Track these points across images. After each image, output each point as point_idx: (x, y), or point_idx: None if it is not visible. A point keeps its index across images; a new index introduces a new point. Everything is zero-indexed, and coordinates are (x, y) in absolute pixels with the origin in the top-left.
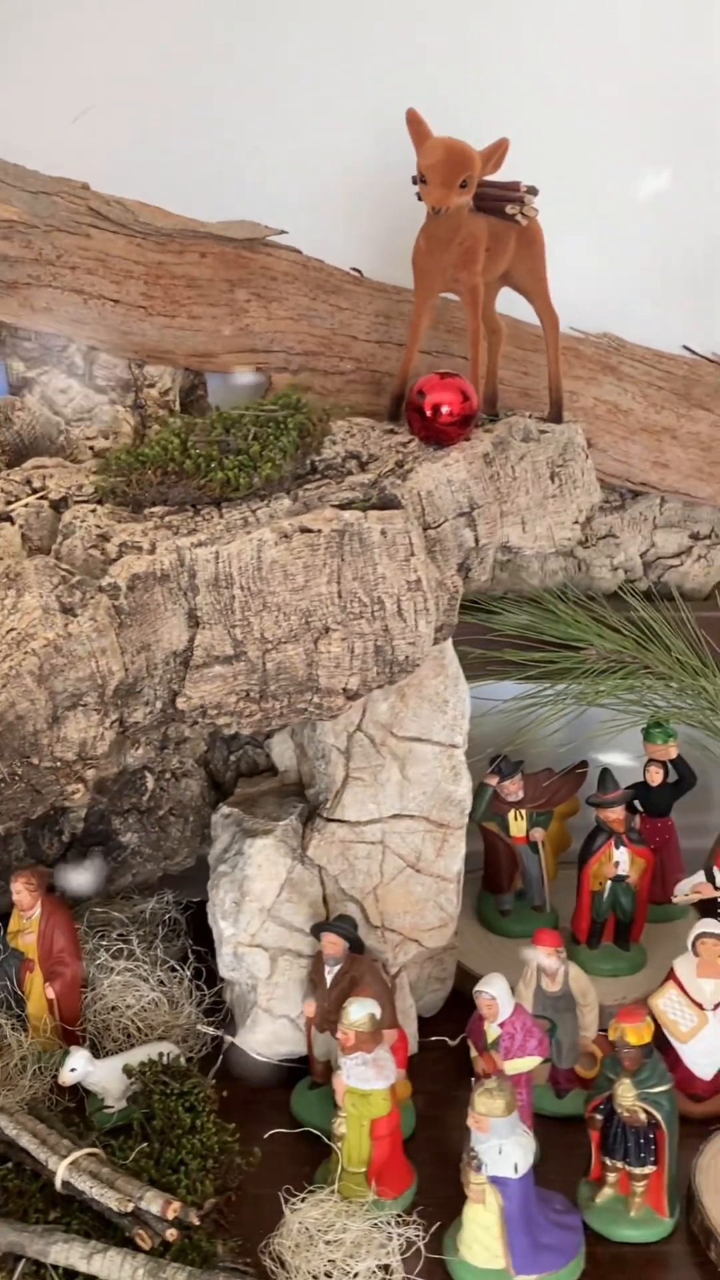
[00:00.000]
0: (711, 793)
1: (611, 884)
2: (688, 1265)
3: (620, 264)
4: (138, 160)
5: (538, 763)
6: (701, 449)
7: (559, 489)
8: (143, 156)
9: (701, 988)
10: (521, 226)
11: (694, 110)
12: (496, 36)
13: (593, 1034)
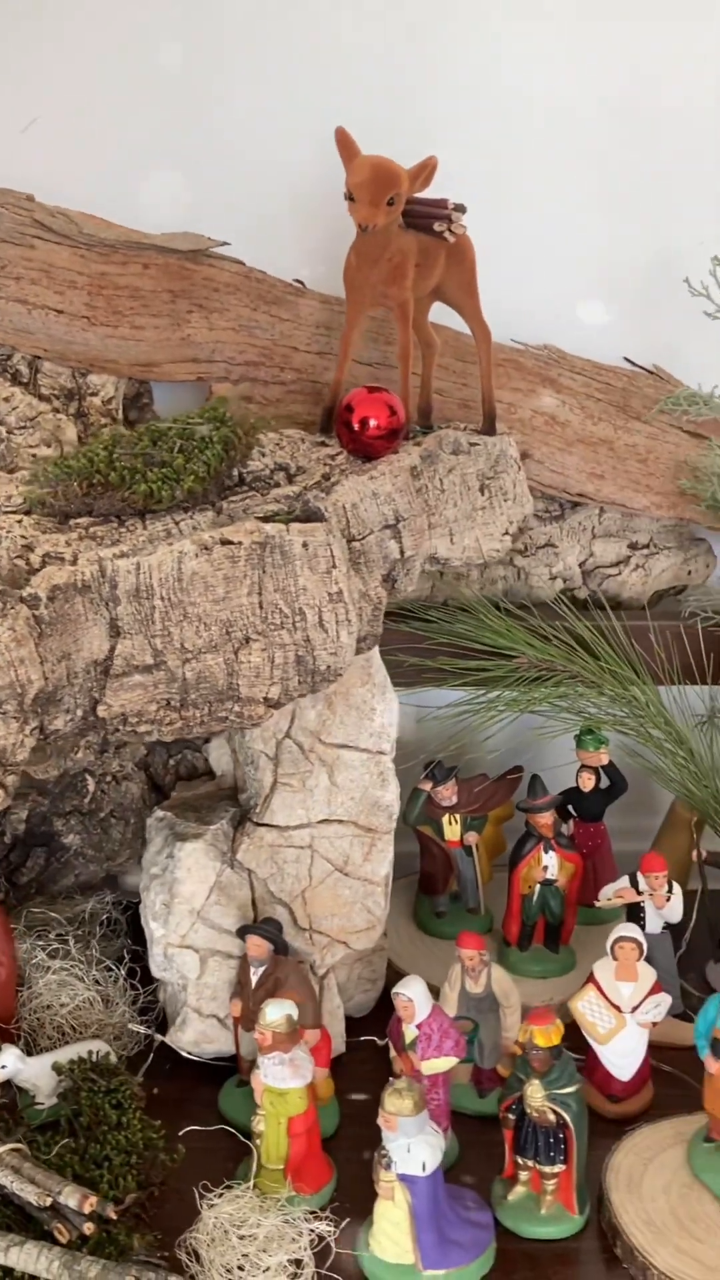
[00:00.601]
0: (654, 798)
1: (540, 888)
2: (596, 1261)
3: (562, 276)
4: (82, 172)
5: (477, 768)
6: (638, 460)
7: (488, 501)
8: (87, 168)
9: (620, 990)
10: (450, 243)
11: (635, 122)
12: (438, 51)
13: (515, 1035)
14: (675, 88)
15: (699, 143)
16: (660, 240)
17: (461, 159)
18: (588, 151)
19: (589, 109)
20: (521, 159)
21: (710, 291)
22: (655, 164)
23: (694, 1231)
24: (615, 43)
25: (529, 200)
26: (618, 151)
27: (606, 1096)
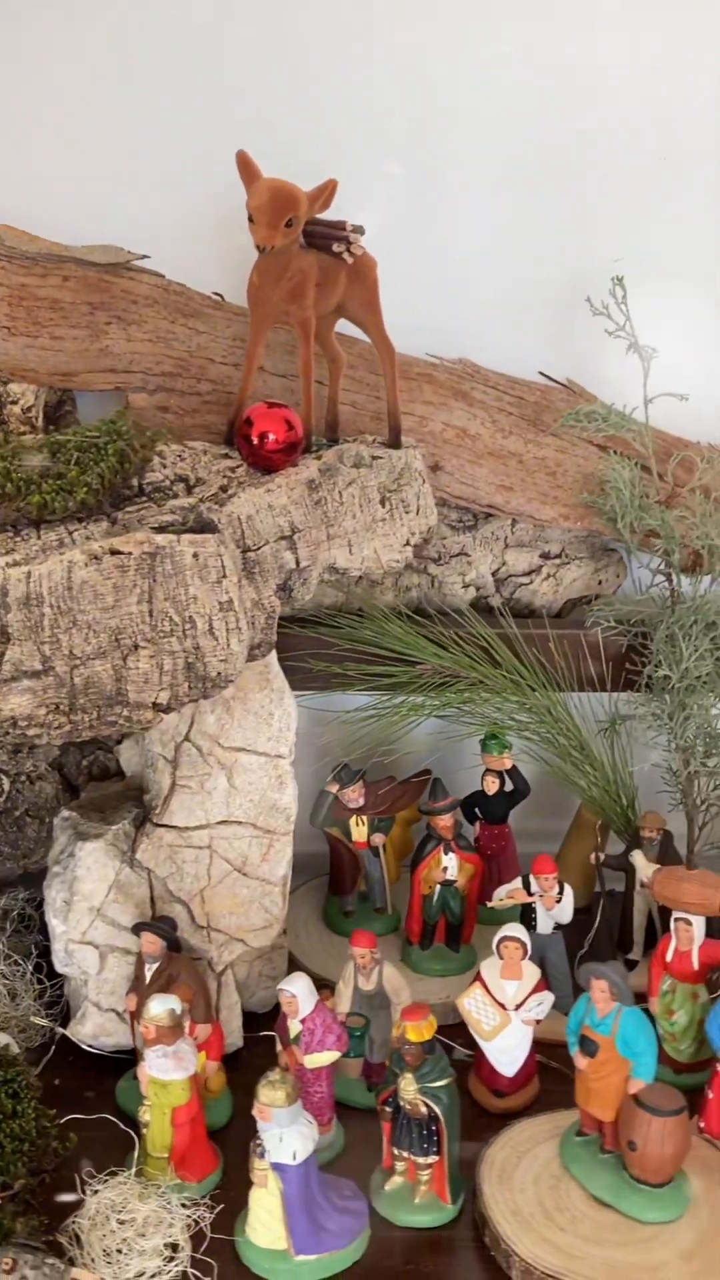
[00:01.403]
0: (567, 801)
1: (441, 888)
2: (467, 1249)
3: (479, 291)
4: (3, 184)
5: (397, 771)
6: (547, 473)
7: (389, 513)
8: (8, 180)
9: (504, 988)
10: (350, 263)
11: (551, 139)
12: (358, 72)
13: None
14: (588, 109)
15: (612, 163)
16: (575, 259)
17: (374, 181)
18: (504, 170)
19: (505, 129)
20: (439, 177)
21: (610, 310)
22: (570, 184)
23: (558, 1221)
24: (531, 64)
25: (449, 219)
26: (534, 171)
27: (492, 1091)
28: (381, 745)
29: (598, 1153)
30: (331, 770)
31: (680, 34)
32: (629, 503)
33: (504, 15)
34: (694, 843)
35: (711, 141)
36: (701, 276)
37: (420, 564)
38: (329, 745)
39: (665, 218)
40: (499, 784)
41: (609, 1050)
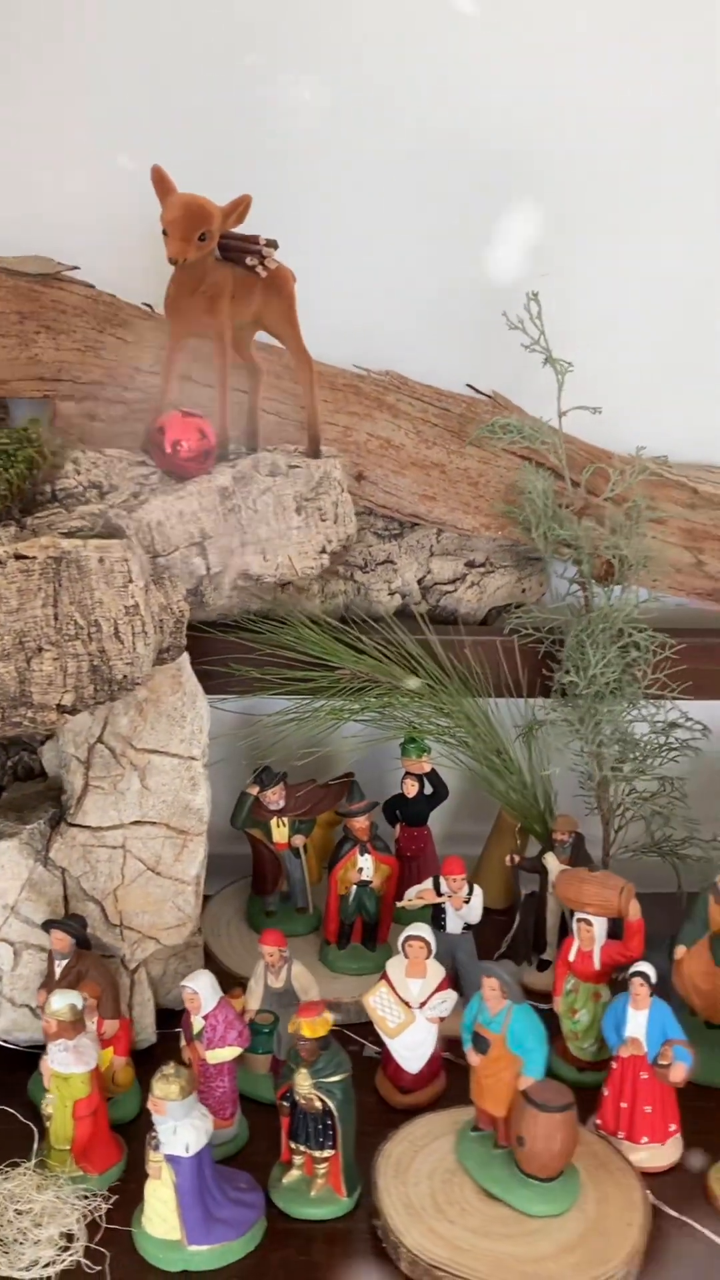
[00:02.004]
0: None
1: (357, 889)
2: (360, 1240)
3: (410, 304)
4: None
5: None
6: (470, 483)
7: (304, 521)
8: None
9: (409, 987)
10: (264, 276)
11: (478, 155)
12: (281, 82)
13: None
14: (514, 127)
15: (539, 179)
16: (501, 273)
17: (304, 195)
18: (435, 186)
19: (431, 146)
20: (369, 193)
21: (525, 325)
22: (497, 199)
23: (448, 1214)
24: (457, 83)
25: (379, 234)
26: (463, 186)
27: (397, 1088)
28: (302, 749)
29: (491, 1148)
30: (252, 772)
31: (602, 54)
32: (543, 512)
33: (427, 34)
34: (609, 846)
35: (634, 158)
36: (623, 291)
37: (347, 571)
38: (252, 748)
39: (589, 234)
40: (418, 787)
41: (500, 1047)
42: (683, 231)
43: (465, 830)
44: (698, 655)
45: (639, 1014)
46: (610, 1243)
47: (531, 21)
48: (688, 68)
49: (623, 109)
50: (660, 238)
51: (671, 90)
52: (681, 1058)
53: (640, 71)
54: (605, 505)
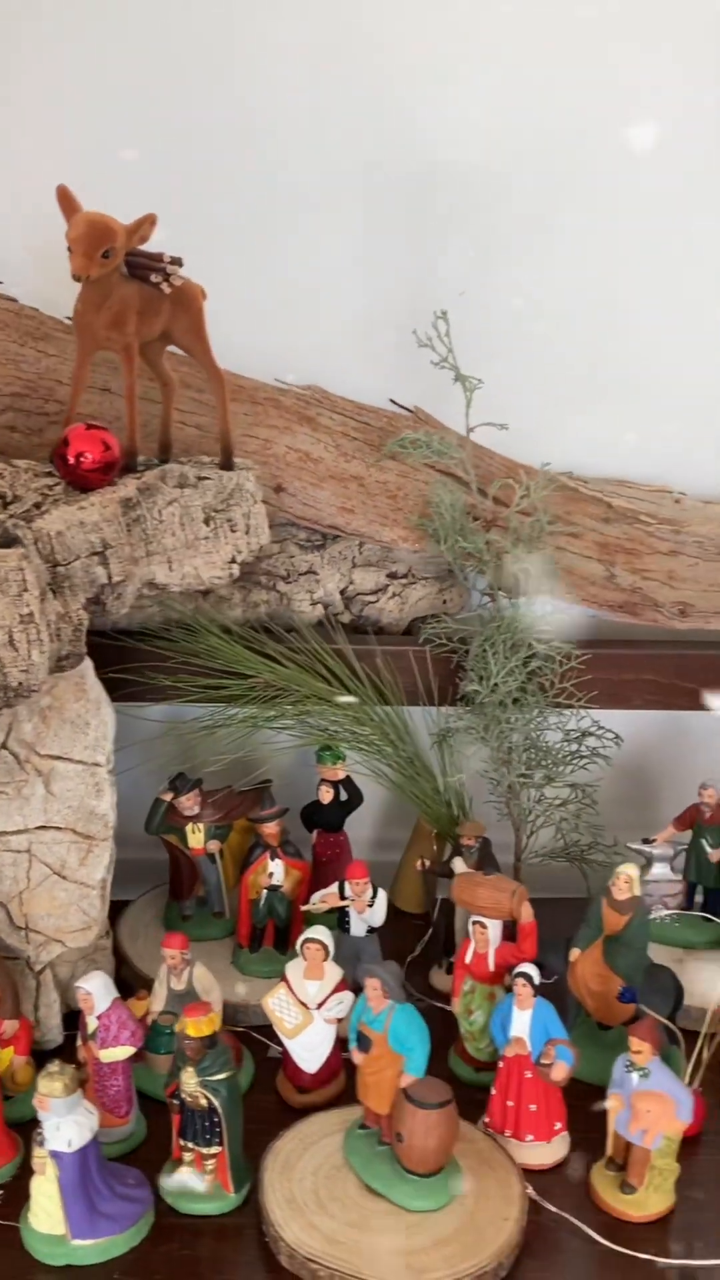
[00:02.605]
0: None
1: (267, 893)
2: (246, 1235)
3: (336, 320)
4: None
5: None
6: (388, 496)
7: (213, 532)
8: None
9: (306, 988)
10: (169, 293)
11: (400, 174)
12: (203, 102)
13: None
14: (434, 148)
15: (458, 199)
16: (422, 290)
17: (230, 211)
18: (360, 204)
19: (355, 165)
20: (293, 210)
21: (434, 343)
22: (419, 219)
23: (329, 1209)
24: (378, 105)
25: (305, 250)
26: (385, 206)
27: (296, 1087)
28: (215, 756)
29: (376, 1144)
30: (168, 779)
31: (521, 76)
32: (451, 526)
33: (354, 56)
34: (520, 851)
35: (548, 179)
36: (541, 311)
37: (269, 581)
38: (172, 755)
39: (506, 253)
40: (333, 794)
41: (382, 1046)
42: (595, 254)
43: (394, 836)
44: (606, 665)
45: (523, 1014)
46: (484, 1237)
47: (455, 47)
48: (597, 94)
49: (536, 133)
50: (574, 259)
51: (581, 116)
52: (563, 1057)
53: (555, 96)
54: (521, 518)
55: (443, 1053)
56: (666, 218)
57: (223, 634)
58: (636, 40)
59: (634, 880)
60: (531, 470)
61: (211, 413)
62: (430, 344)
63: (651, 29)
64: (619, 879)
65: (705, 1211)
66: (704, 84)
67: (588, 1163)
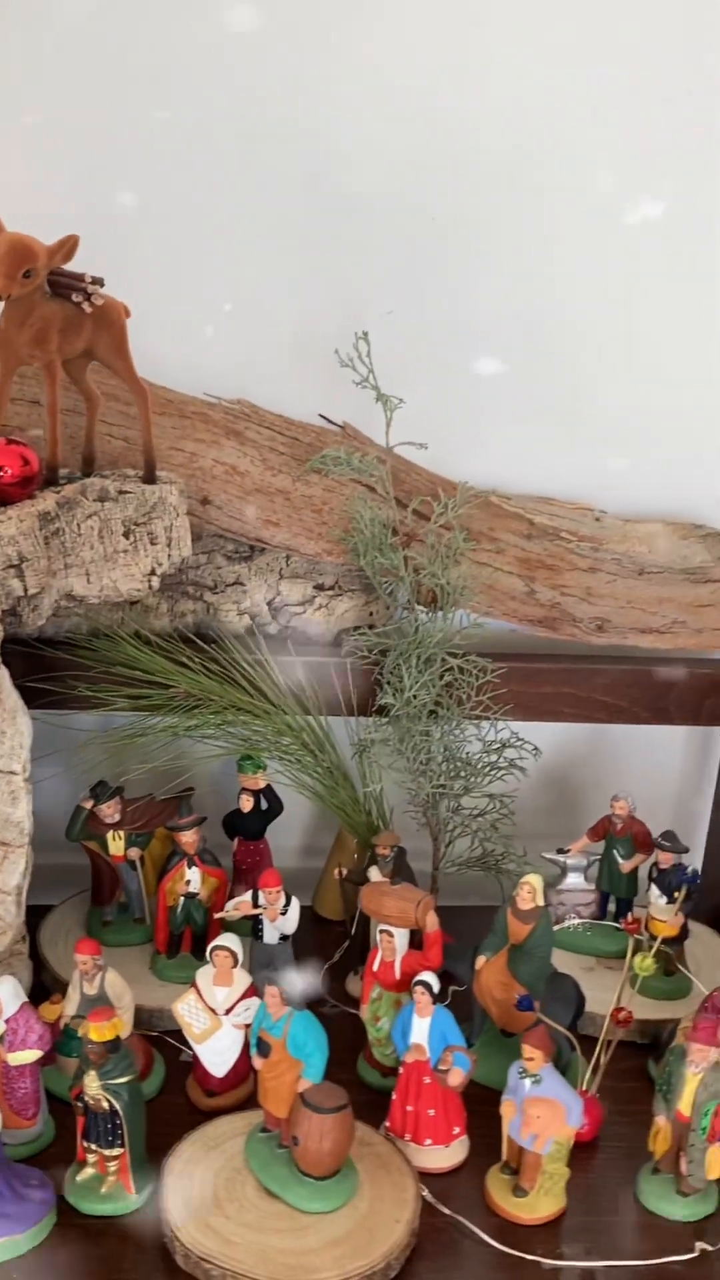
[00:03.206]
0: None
1: (185, 900)
2: (144, 1236)
3: (268, 336)
4: None
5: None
6: (314, 510)
7: (132, 545)
8: None
9: (215, 995)
10: (90, 311)
11: (332, 191)
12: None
13: (126, 1033)
14: (361, 170)
15: (385, 220)
16: (352, 308)
17: (162, 225)
18: (290, 221)
19: (283, 184)
20: (222, 225)
21: (354, 363)
22: (349, 238)
23: (226, 1210)
24: (308, 125)
25: (237, 266)
26: (318, 222)
27: (205, 1091)
28: (135, 764)
29: (275, 1147)
30: (89, 787)
31: (440, 101)
32: (370, 541)
33: (286, 70)
34: (438, 860)
35: (472, 200)
36: (472, 331)
37: (196, 592)
38: (92, 762)
39: (433, 274)
40: (254, 802)
41: (280, 1051)
42: (522, 275)
43: (322, 843)
44: (523, 679)
45: (422, 1021)
46: (375, 1238)
47: (375, 73)
48: (519, 115)
49: (465, 154)
50: (502, 279)
51: (507, 136)
52: (459, 1064)
53: (478, 118)
54: (440, 533)
55: (354, 1058)
56: (593, 238)
57: (142, 644)
58: (555, 63)
59: (537, 890)
60: (453, 487)
61: (137, 426)
62: (351, 364)
63: (569, 51)
64: (522, 889)
65: (596, 1214)
66: (630, 101)
67: (486, 1166)
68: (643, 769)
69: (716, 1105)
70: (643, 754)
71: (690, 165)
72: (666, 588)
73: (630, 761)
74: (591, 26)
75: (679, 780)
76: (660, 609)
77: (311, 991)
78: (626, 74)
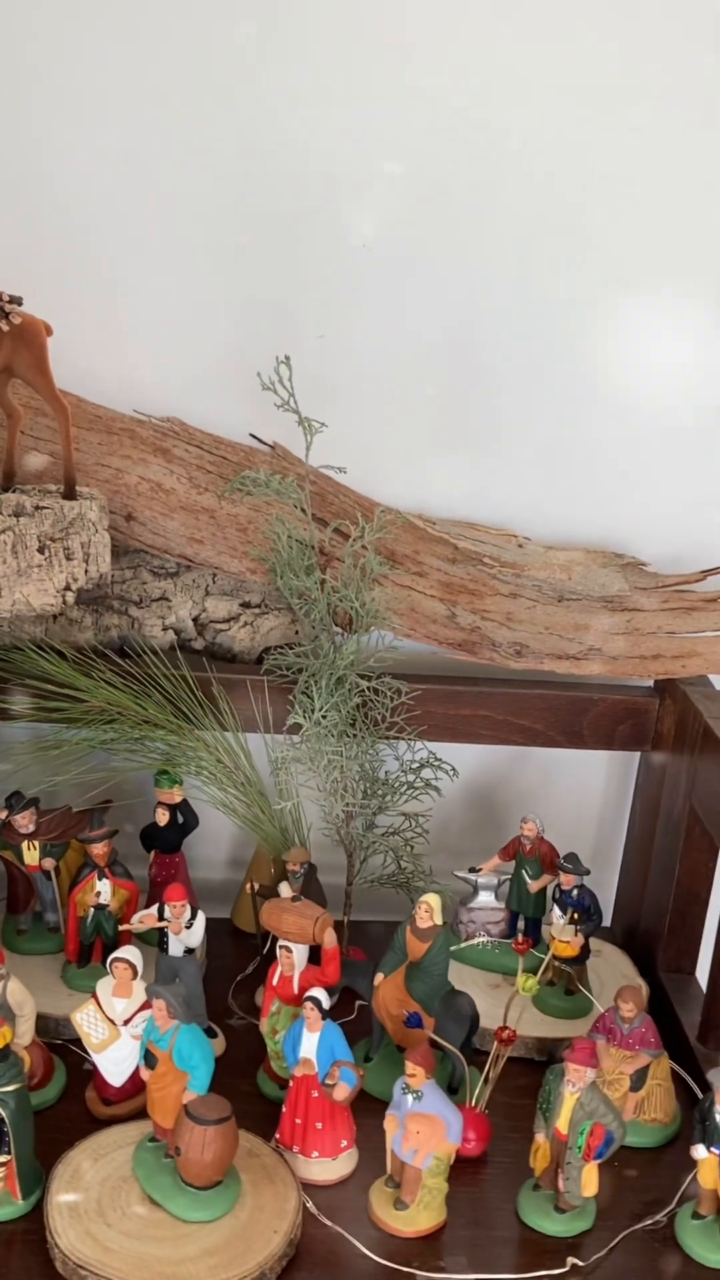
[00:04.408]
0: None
1: (95, 911)
2: (28, 1242)
3: (202, 355)
4: None
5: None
6: (238, 529)
7: (47, 559)
8: None
9: (114, 1005)
10: (9, 330)
11: (260, 214)
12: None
13: (27, 1040)
14: (293, 193)
15: (316, 244)
16: (285, 329)
17: (97, 241)
18: (225, 239)
19: (212, 207)
20: (156, 242)
21: (276, 387)
22: (283, 259)
23: (109, 1218)
24: (241, 144)
25: (172, 286)
26: (250, 245)
27: (101, 1100)
28: (50, 775)
29: (162, 1157)
30: (4, 797)
31: (375, 118)
32: (286, 563)
33: (216, 94)
34: (352, 877)
35: (403, 226)
36: (401, 353)
37: (121, 606)
38: (8, 773)
39: (365, 297)
40: (170, 816)
41: (167, 1063)
42: (453, 299)
43: (247, 855)
44: (439, 700)
45: (311, 1036)
46: (252, 1248)
47: (314, 91)
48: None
49: (396, 179)
50: (433, 304)
51: (439, 163)
52: (345, 1079)
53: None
54: (356, 556)
55: (256, 1069)
56: (520, 264)
57: (56, 657)
58: (491, 87)
59: (435, 909)
60: (376, 510)
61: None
62: (274, 387)
63: (504, 74)
64: (420, 908)
65: (477, 1228)
66: (563, 119)
67: (375, 1180)
68: (566, 789)
69: (592, 1124)
70: (567, 774)
71: (615, 184)
72: (584, 615)
73: (554, 782)
74: (531, 52)
75: (601, 803)
76: (578, 635)
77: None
78: (571, 98)
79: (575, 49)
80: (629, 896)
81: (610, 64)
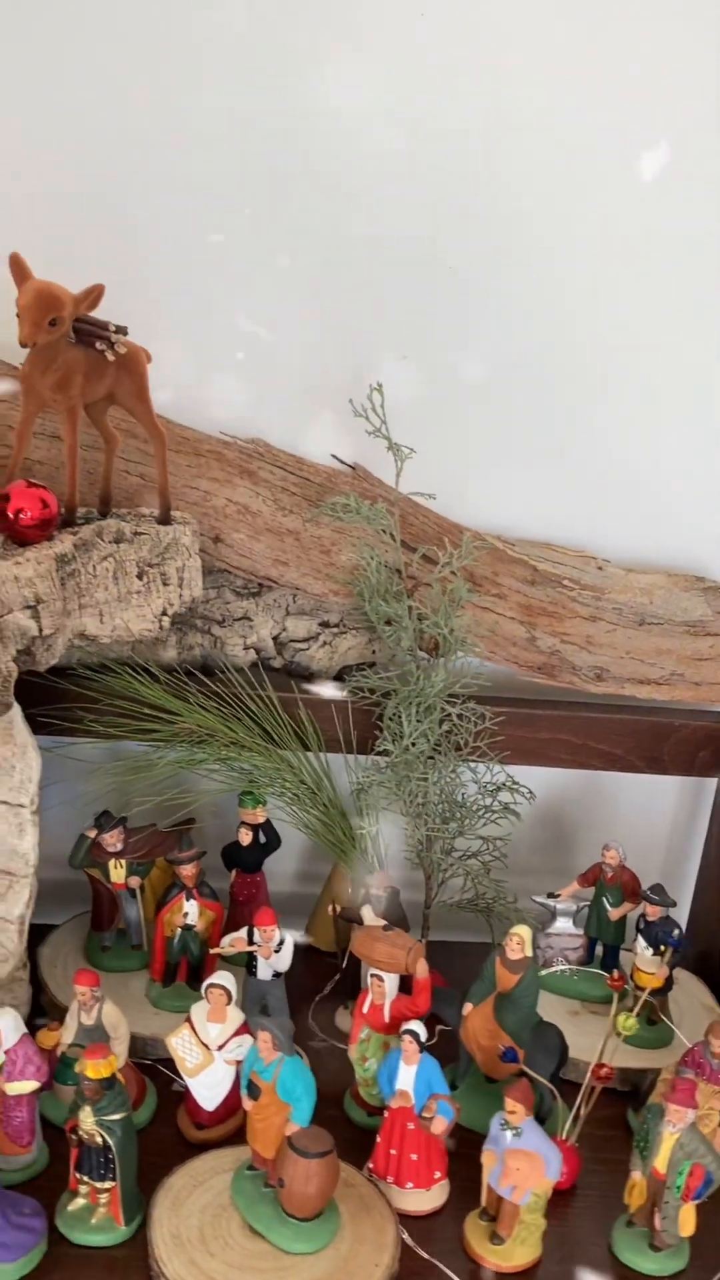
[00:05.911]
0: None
1: (182, 931)
2: (134, 1267)
3: (284, 376)
4: None
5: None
6: (322, 551)
7: (145, 585)
8: None
9: (209, 1030)
10: (112, 360)
11: (348, 241)
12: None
13: (121, 1063)
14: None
15: (403, 269)
16: (363, 353)
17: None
18: (309, 263)
19: (305, 228)
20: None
21: (368, 414)
22: (364, 282)
23: (211, 1247)
24: (331, 172)
25: (257, 308)
26: (332, 268)
27: (194, 1123)
28: (140, 795)
29: (261, 1186)
30: (94, 816)
31: (465, 145)
32: (374, 588)
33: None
34: (430, 899)
35: (488, 251)
36: (483, 376)
37: (204, 625)
38: (96, 791)
39: (448, 320)
40: (252, 836)
41: (270, 1095)
42: (536, 325)
43: (319, 869)
44: (520, 724)
45: (409, 1069)
46: None
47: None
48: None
49: (480, 202)
50: (517, 328)
51: (525, 184)
52: (443, 1112)
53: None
54: (444, 582)
55: (341, 1093)
56: (606, 286)
57: (147, 678)
58: (578, 111)
59: (525, 941)
60: (459, 531)
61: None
62: (365, 415)
63: (591, 100)
64: (511, 939)
65: (571, 1263)
66: (650, 156)
67: (465, 1209)
68: (636, 814)
69: (691, 1165)
70: (637, 799)
71: (710, 211)
72: (666, 639)
73: (624, 806)
74: (619, 76)
75: (670, 827)
76: (659, 660)
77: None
78: (649, 122)
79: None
80: (704, 923)
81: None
